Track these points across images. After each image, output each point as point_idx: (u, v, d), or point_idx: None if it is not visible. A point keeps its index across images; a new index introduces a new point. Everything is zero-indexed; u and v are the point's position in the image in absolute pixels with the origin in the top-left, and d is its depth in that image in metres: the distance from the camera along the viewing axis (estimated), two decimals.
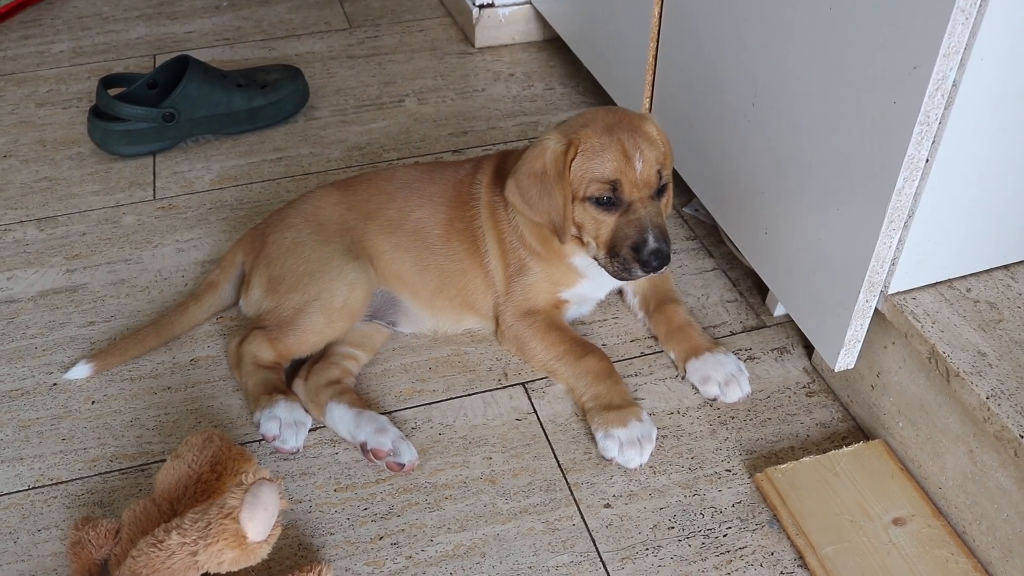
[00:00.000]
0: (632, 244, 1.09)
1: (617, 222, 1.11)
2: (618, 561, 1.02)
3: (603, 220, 1.11)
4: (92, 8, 2.08)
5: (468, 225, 1.24)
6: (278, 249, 1.21)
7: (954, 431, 1.02)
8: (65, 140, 1.66)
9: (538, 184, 1.12)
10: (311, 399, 1.15)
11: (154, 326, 1.24)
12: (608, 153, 1.09)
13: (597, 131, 1.10)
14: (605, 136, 1.10)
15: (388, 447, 1.09)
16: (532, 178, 1.13)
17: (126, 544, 0.93)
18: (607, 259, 1.13)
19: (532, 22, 1.95)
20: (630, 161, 1.09)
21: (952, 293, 1.06)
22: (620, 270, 1.12)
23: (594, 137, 1.10)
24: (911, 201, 0.96)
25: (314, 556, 1.02)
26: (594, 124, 1.11)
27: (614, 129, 1.10)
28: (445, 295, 1.25)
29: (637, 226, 1.09)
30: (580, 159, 1.10)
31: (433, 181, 1.27)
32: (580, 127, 1.12)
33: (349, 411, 1.12)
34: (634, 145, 1.09)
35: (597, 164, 1.09)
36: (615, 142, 1.09)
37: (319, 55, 1.92)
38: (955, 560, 1.00)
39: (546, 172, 1.11)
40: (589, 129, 1.11)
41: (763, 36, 1.11)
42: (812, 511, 1.05)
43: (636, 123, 1.12)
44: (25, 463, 1.11)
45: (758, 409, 1.19)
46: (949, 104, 0.89)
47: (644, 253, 1.09)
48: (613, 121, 1.11)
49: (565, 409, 1.19)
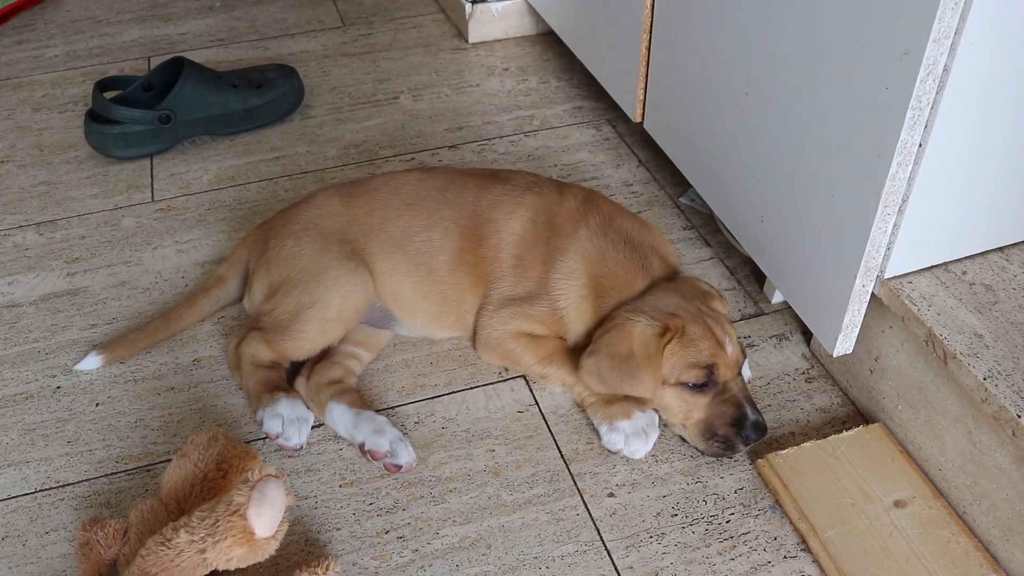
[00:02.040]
0: (731, 420, 1.09)
1: (711, 403, 1.10)
2: (623, 549, 1.03)
3: (696, 403, 1.10)
4: (85, 12, 2.09)
5: (480, 259, 1.21)
6: (278, 256, 1.22)
7: (953, 413, 1.03)
8: (62, 144, 1.66)
9: (622, 367, 1.09)
10: (312, 398, 1.16)
11: (163, 318, 1.25)
12: (704, 341, 1.09)
13: (687, 317, 1.10)
14: (696, 323, 1.09)
15: (385, 448, 1.09)
16: (616, 360, 1.10)
17: (134, 544, 0.94)
18: (702, 440, 1.11)
19: (525, 16, 1.95)
20: (722, 346, 1.09)
21: (948, 276, 1.06)
22: (721, 448, 1.10)
23: (687, 324, 1.09)
24: (905, 186, 0.96)
25: (321, 551, 1.03)
26: (680, 310, 1.10)
27: (699, 315, 1.10)
28: (443, 322, 1.24)
29: (734, 403, 1.09)
30: (674, 345, 1.09)
31: (447, 203, 1.24)
32: (667, 314, 1.10)
33: (348, 411, 1.12)
34: (723, 330, 1.10)
35: (692, 351, 1.09)
36: (705, 328, 1.09)
37: (313, 54, 1.92)
38: (956, 540, 1.01)
39: (633, 355, 1.09)
40: (679, 317, 1.10)
41: (754, 25, 1.12)
42: (814, 495, 1.05)
43: (712, 304, 1.13)
44: (31, 466, 1.12)
45: (758, 396, 1.20)
46: (940, 89, 0.90)
47: (746, 427, 1.08)
48: (693, 307, 1.11)
49: (566, 400, 1.19)
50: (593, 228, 1.19)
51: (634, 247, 1.18)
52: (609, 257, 1.17)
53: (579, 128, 1.70)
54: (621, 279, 1.16)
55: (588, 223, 1.19)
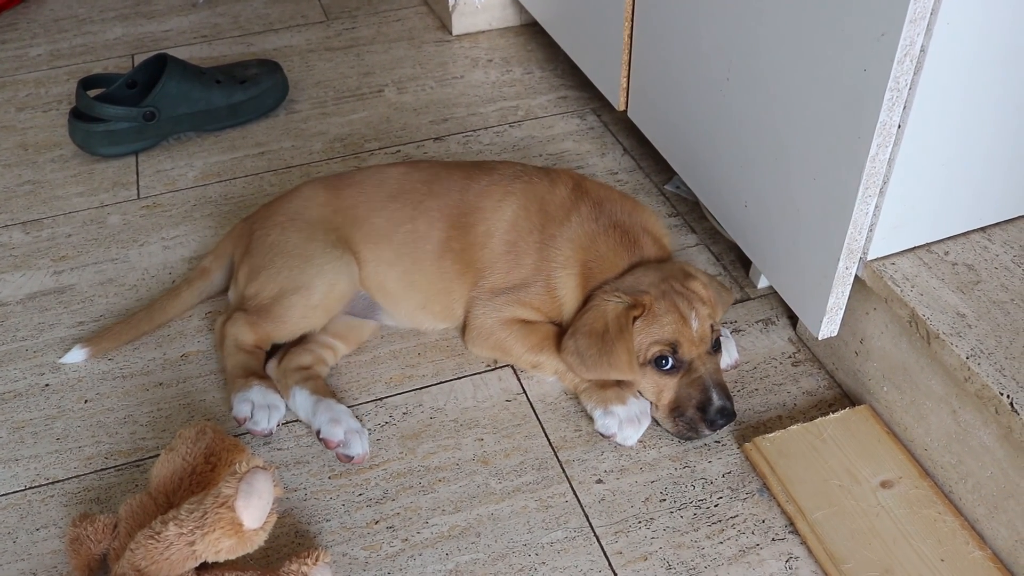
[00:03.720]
0: (697, 404, 1.09)
1: (679, 383, 1.11)
2: (612, 535, 1.04)
3: (666, 383, 1.11)
4: (68, 10, 2.08)
5: (467, 247, 1.22)
6: (263, 245, 1.22)
7: (937, 393, 1.04)
8: (47, 143, 1.66)
9: (598, 343, 1.11)
10: (279, 380, 1.16)
11: (147, 310, 1.25)
12: (667, 316, 1.10)
13: (656, 294, 1.11)
14: (664, 300, 1.10)
15: (339, 438, 1.10)
16: (593, 337, 1.11)
17: (124, 538, 0.94)
18: (671, 420, 1.12)
19: (508, 8, 1.95)
20: (687, 322, 1.10)
21: (930, 257, 1.07)
22: (686, 430, 1.11)
23: (655, 301, 1.10)
24: (885, 167, 0.97)
25: (311, 543, 1.04)
26: (652, 287, 1.12)
27: (669, 293, 1.11)
28: (429, 311, 1.25)
29: (700, 385, 1.10)
30: (641, 322, 1.10)
31: (432, 194, 1.24)
32: (639, 291, 1.11)
33: (310, 397, 1.13)
34: (689, 306, 1.10)
35: (656, 327, 1.10)
36: (670, 304, 1.10)
37: (297, 48, 1.92)
38: (943, 519, 1.02)
39: (608, 331, 1.10)
40: (648, 294, 1.11)
41: (734, 11, 1.12)
42: (801, 478, 1.06)
43: (690, 284, 1.13)
44: (21, 464, 1.12)
45: (745, 380, 1.20)
46: (918, 69, 0.90)
47: (710, 412, 1.09)
48: (667, 285, 1.12)
49: (554, 389, 1.20)
50: (584, 215, 1.20)
51: (624, 230, 1.19)
52: (600, 242, 1.18)
53: (564, 118, 1.70)
54: (609, 261, 1.17)
55: (579, 210, 1.20)
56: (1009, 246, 1.08)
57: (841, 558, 0.99)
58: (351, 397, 1.19)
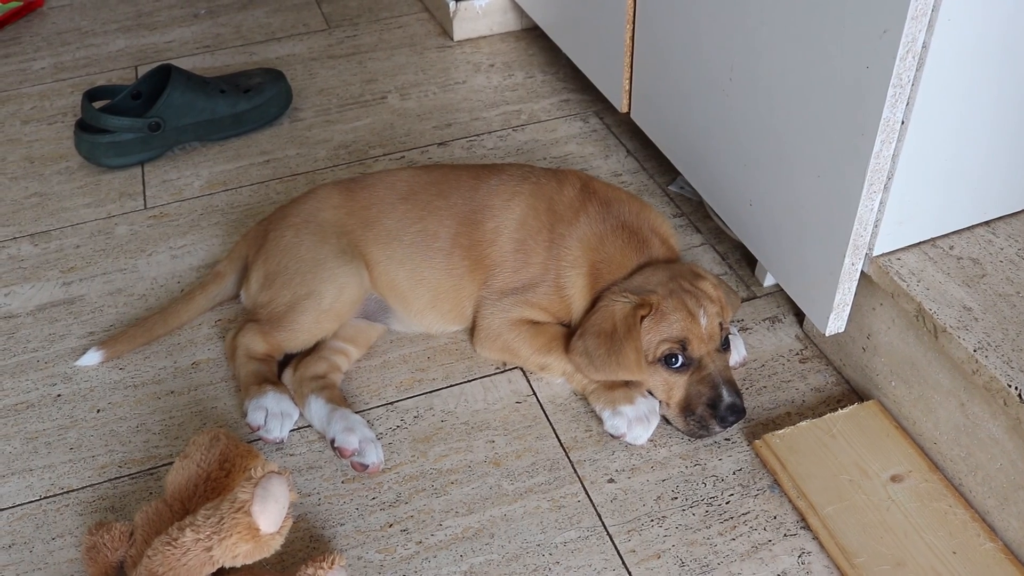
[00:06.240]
0: (707, 401, 1.10)
1: (689, 381, 1.12)
2: (624, 534, 1.04)
3: (676, 381, 1.12)
4: (71, 23, 2.09)
5: (476, 242, 1.23)
6: (276, 247, 1.23)
7: (945, 386, 1.04)
8: (53, 155, 1.67)
9: (607, 343, 1.12)
10: (295, 389, 1.17)
11: (161, 314, 1.26)
12: (675, 314, 1.11)
13: (664, 293, 1.12)
14: (672, 299, 1.11)
15: (354, 447, 1.10)
16: (601, 337, 1.12)
17: (141, 545, 0.95)
18: (682, 419, 1.12)
19: (509, 12, 1.96)
20: (695, 319, 1.10)
21: (935, 251, 1.08)
22: (698, 428, 1.12)
23: (662, 300, 1.11)
24: (889, 163, 0.97)
25: (326, 547, 1.04)
26: (659, 287, 1.13)
27: (677, 291, 1.12)
28: (438, 310, 1.25)
29: (710, 382, 1.10)
30: (649, 320, 1.11)
31: (441, 195, 1.26)
32: (646, 291, 1.13)
33: (325, 406, 1.14)
34: (697, 304, 1.11)
35: (664, 325, 1.11)
36: (678, 302, 1.11)
37: (300, 57, 1.93)
38: (953, 512, 1.02)
39: (616, 331, 1.11)
40: (656, 293, 1.12)
41: (735, 11, 1.13)
42: (811, 473, 1.07)
43: (699, 284, 1.14)
44: (35, 474, 1.13)
45: (753, 378, 1.21)
46: (920, 66, 0.91)
47: (721, 409, 1.09)
48: (675, 284, 1.13)
49: (564, 390, 1.20)
50: (593, 215, 1.21)
51: (632, 230, 1.20)
52: (608, 242, 1.19)
53: (567, 121, 1.71)
54: (618, 262, 1.18)
55: (588, 210, 1.21)
56: (1013, 239, 1.08)
57: (853, 552, 0.99)
58: (362, 402, 1.20)
